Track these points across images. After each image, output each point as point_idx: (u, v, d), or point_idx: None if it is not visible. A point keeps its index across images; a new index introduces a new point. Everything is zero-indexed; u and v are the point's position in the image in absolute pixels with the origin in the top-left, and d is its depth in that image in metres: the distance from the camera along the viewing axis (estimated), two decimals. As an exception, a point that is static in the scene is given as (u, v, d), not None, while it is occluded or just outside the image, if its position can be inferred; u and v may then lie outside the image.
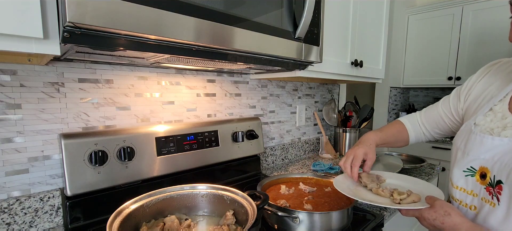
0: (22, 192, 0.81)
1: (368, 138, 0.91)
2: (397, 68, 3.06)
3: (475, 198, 0.66)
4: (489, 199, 0.62)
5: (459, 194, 0.70)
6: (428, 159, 2.06)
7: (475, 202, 0.66)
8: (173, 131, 1.01)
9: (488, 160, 0.63)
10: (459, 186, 0.70)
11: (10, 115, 0.77)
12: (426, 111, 0.96)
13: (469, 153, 0.67)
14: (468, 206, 0.68)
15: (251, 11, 0.76)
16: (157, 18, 0.59)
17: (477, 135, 0.66)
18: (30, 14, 0.50)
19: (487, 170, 0.63)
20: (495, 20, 2.43)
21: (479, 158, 0.65)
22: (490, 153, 0.63)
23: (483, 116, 0.68)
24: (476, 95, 0.75)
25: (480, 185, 0.65)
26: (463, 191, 0.69)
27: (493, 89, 0.71)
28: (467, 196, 0.68)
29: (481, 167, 0.65)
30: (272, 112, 1.53)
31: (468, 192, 0.68)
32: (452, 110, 0.85)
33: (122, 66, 0.97)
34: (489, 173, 0.62)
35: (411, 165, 1.44)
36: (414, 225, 1.41)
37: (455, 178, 0.71)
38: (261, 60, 0.89)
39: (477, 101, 0.74)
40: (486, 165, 0.63)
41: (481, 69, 0.78)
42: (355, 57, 1.36)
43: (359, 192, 0.82)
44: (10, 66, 0.76)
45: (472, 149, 0.67)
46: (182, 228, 0.72)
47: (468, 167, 0.68)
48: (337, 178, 0.88)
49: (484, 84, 0.74)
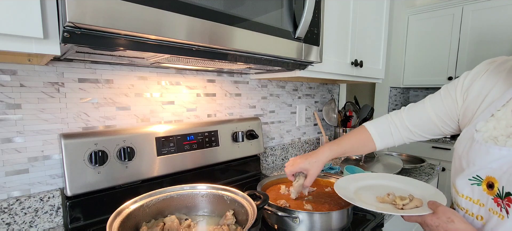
0: (22, 192, 0.81)
1: (318, 152, 0.89)
2: (397, 68, 3.06)
3: (481, 208, 0.65)
4: (497, 211, 0.61)
5: (465, 203, 0.68)
6: (428, 159, 2.06)
7: (482, 212, 0.65)
8: (173, 131, 1.01)
9: (496, 169, 0.61)
10: (464, 194, 0.68)
11: (10, 115, 0.77)
12: (409, 113, 0.86)
13: (475, 162, 0.65)
14: (475, 215, 0.66)
15: (251, 11, 0.76)
16: (157, 18, 0.59)
17: (482, 144, 0.63)
18: (30, 14, 0.50)
19: (495, 180, 0.61)
20: (495, 20, 2.43)
21: (486, 167, 0.63)
22: (497, 162, 0.60)
23: (484, 122, 0.65)
24: (474, 95, 0.71)
25: (487, 195, 0.63)
26: (469, 200, 0.67)
27: (494, 92, 0.67)
28: (474, 205, 0.66)
29: (487, 177, 0.63)
30: (272, 112, 1.53)
31: (474, 201, 0.66)
32: (448, 113, 0.77)
33: (122, 66, 0.97)
34: (497, 183, 0.61)
35: (411, 165, 1.44)
36: (415, 225, 1.41)
37: (460, 186, 0.69)
38: (261, 60, 0.89)
39: (476, 103, 0.70)
40: (493, 175, 0.62)
41: (479, 67, 0.73)
42: (355, 57, 1.36)
43: (361, 197, 0.81)
44: (10, 66, 0.76)
45: (476, 158, 0.64)
46: (182, 228, 0.72)
47: (473, 176, 0.66)
48: (338, 182, 0.88)
49: (483, 84, 0.70)
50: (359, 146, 0.91)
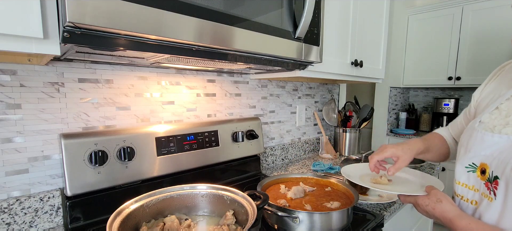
0: (22, 192, 0.81)
1: (411, 142, 0.85)
2: (397, 68, 3.06)
3: (476, 193, 0.68)
4: (487, 194, 0.64)
5: (461, 189, 0.72)
6: (428, 159, 2.06)
7: (476, 197, 0.68)
8: (173, 131, 1.01)
9: (488, 156, 0.64)
10: (461, 181, 0.71)
11: (10, 115, 0.77)
12: (452, 125, 0.93)
13: (471, 149, 0.69)
14: (470, 201, 0.69)
15: (251, 11, 0.76)
16: (157, 18, 0.59)
17: (479, 132, 0.67)
18: (30, 14, 0.50)
19: (487, 166, 0.65)
20: (495, 20, 2.43)
21: (480, 154, 0.66)
22: (490, 149, 0.64)
23: (489, 114, 0.69)
24: (485, 95, 0.77)
25: (480, 181, 0.66)
26: (464, 186, 0.71)
27: (502, 88, 0.72)
28: (469, 191, 0.70)
29: (481, 163, 0.66)
30: (272, 112, 1.53)
31: (470, 187, 0.70)
32: (468, 117, 0.85)
33: (122, 66, 0.97)
34: (488, 168, 0.64)
35: (411, 165, 1.44)
36: (415, 225, 1.41)
37: (457, 174, 0.72)
38: (261, 60, 0.89)
39: (485, 101, 0.76)
40: (486, 161, 0.65)
41: (493, 72, 0.79)
42: (355, 57, 1.36)
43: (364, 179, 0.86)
44: (10, 66, 0.76)
45: (473, 145, 0.68)
46: (182, 228, 0.72)
47: (469, 163, 0.69)
48: (347, 166, 0.94)
49: (494, 86, 0.76)
50: (440, 147, 0.91)
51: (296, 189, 0.94)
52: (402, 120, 3.19)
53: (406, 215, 1.26)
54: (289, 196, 0.93)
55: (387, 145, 0.83)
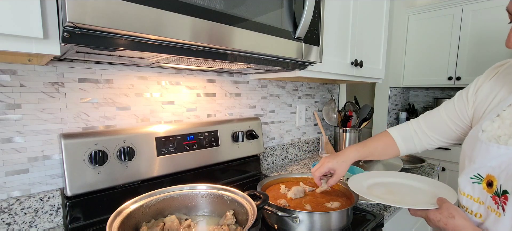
0: (22, 192, 0.81)
1: (345, 153, 0.90)
2: (397, 68, 3.06)
3: (481, 206, 0.65)
4: (494, 208, 0.61)
5: (466, 201, 0.69)
6: (428, 159, 2.05)
7: (481, 210, 0.65)
8: (173, 131, 1.01)
9: (495, 168, 0.62)
10: (466, 192, 0.69)
11: (10, 115, 0.77)
12: (425, 118, 0.89)
13: (476, 160, 0.66)
14: (474, 213, 0.67)
15: (251, 11, 0.76)
16: (157, 18, 0.59)
17: (483, 143, 0.64)
18: (30, 14, 0.50)
19: (494, 178, 0.62)
20: (495, 20, 2.43)
21: (486, 165, 0.63)
22: (496, 161, 0.61)
23: (490, 121, 0.66)
24: (483, 96, 0.73)
25: (486, 193, 0.64)
26: (469, 198, 0.68)
27: (502, 93, 0.68)
28: (474, 203, 0.67)
29: (488, 175, 0.63)
30: (272, 112, 1.53)
31: (475, 199, 0.67)
32: (459, 115, 0.80)
33: (122, 66, 0.97)
34: (496, 181, 0.61)
35: (411, 165, 1.44)
36: (415, 224, 1.41)
37: (462, 185, 0.70)
38: (261, 60, 0.89)
39: (485, 104, 0.72)
40: (492, 173, 0.62)
41: (489, 70, 0.76)
42: (355, 57, 1.36)
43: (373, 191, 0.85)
44: (10, 66, 0.76)
45: (478, 156, 0.65)
46: (182, 228, 0.72)
47: (474, 174, 0.66)
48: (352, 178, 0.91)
49: (492, 86, 0.72)
50: (384, 150, 0.93)
51: (296, 189, 0.94)
52: (402, 120, 3.20)
53: (406, 215, 1.26)
54: (289, 196, 0.93)
55: (325, 159, 0.91)
